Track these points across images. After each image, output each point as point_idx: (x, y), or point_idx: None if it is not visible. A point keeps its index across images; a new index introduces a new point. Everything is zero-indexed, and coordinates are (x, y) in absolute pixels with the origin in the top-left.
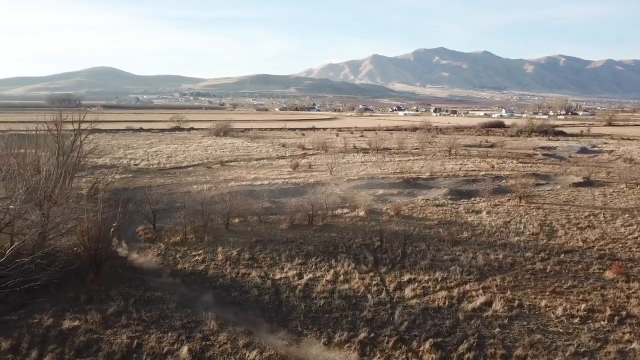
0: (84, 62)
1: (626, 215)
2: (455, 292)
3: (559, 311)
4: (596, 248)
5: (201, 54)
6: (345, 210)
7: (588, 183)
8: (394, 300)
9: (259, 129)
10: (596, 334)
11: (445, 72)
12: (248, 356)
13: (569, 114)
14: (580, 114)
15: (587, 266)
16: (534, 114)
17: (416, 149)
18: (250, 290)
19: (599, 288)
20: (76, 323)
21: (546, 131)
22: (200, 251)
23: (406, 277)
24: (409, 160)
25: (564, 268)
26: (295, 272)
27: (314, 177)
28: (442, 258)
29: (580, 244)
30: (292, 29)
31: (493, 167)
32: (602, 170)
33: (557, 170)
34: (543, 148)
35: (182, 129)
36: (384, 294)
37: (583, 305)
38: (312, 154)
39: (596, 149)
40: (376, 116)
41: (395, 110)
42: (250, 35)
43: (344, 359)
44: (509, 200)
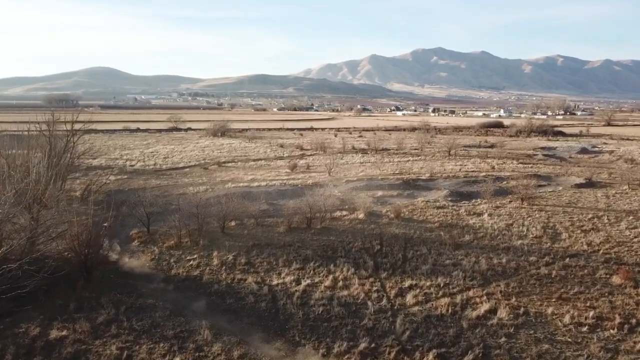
0: (83, 62)
1: (630, 218)
2: (458, 298)
3: (567, 319)
4: (601, 252)
5: (200, 54)
6: (344, 213)
7: (590, 184)
8: (395, 308)
9: (257, 129)
10: (606, 343)
11: (443, 72)
12: None
13: (568, 114)
14: (579, 114)
15: (593, 271)
16: (532, 114)
17: (415, 149)
18: (246, 297)
19: (606, 294)
20: (64, 333)
21: (545, 131)
22: (195, 255)
23: (407, 283)
24: (408, 160)
25: (570, 273)
26: (292, 277)
27: (312, 178)
28: (443, 262)
29: (585, 247)
30: (292, 29)
31: (493, 167)
32: (603, 171)
33: (558, 171)
34: (543, 148)
35: (180, 130)
36: (384, 300)
37: (591, 313)
38: (311, 155)
39: (596, 149)
40: (374, 116)
41: (394, 111)
42: (249, 35)
43: None
44: (510, 202)
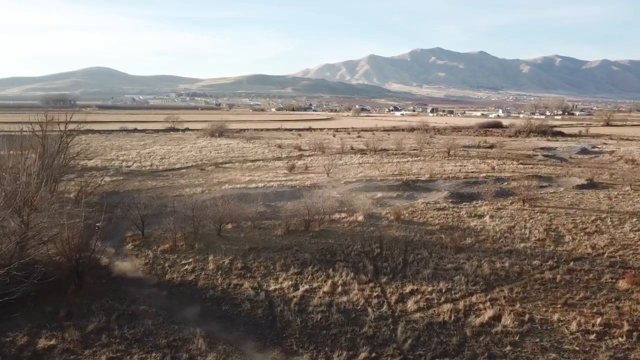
0: (81, 63)
1: (634, 220)
2: (461, 304)
3: (573, 326)
4: (606, 255)
5: (199, 55)
6: (343, 215)
7: (592, 185)
8: (396, 315)
9: (255, 129)
10: (615, 352)
11: (441, 72)
12: None
13: (566, 114)
14: (577, 114)
15: (598, 275)
16: (531, 114)
17: (414, 149)
18: (242, 303)
19: (613, 300)
20: (52, 342)
21: (545, 131)
22: (191, 259)
23: (408, 288)
24: (407, 161)
25: (575, 277)
26: (290, 282)
27: (311, 179)
28: (445, 266)
29: (589, 250)
30: (290, 29)
31: (493, 168)
32: (604, 171)
33: (559, 171)
34: (543, 149)
35: (177, 130)
36: (385, 307)
37: (598, 320)
38: (309, 155)
39: (596, 149)
40: (373, 116)
41: (392, 111)
42: (248, 35)
43: None
44: (512, 203)
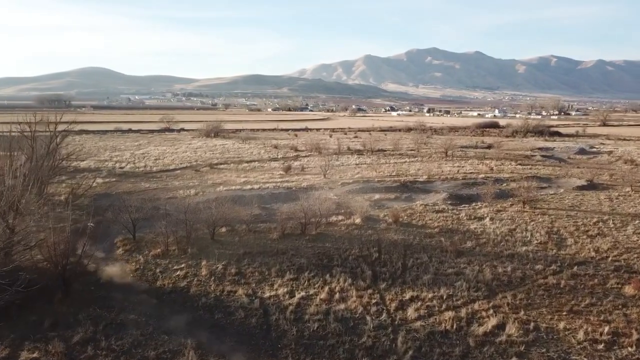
0: (76, 63)
1: (637, 222)
2: (463, 312)
3: (580, 335)
4: (610, 259)
5: (195, 55)
6: (340, 218)
7: (592, 186)
8: (396, 323)
9: (251, 129)
10: None
11: (437, 72)
12: None
13: (562, 114)
14: (573, 114)
15: (603, 280)
16: (527, 114)
17: (411, 150)
18: (235, 311)
19: (620, 306)
20: (35, 355)
21: (542, 131)
22: (183, 265)
23: (408, 295)
24: (404, 162)
25: (579, 283)
26: (286, 289)
27: (307, 180)
28: (446, 271)
29: (593, 254)
30: (286, 29)
31: (492, 169)
32: (604, 172)
33: (558, 172)
34: (541, 149)
35: (172, 130)
36: (384, 315)
37: (606, 328)
38: (305, 156)
39: (595, 149)
40: (369, 116)
41: (389, 111)
42: (244, 35)
43: None
44: (512, 205)
